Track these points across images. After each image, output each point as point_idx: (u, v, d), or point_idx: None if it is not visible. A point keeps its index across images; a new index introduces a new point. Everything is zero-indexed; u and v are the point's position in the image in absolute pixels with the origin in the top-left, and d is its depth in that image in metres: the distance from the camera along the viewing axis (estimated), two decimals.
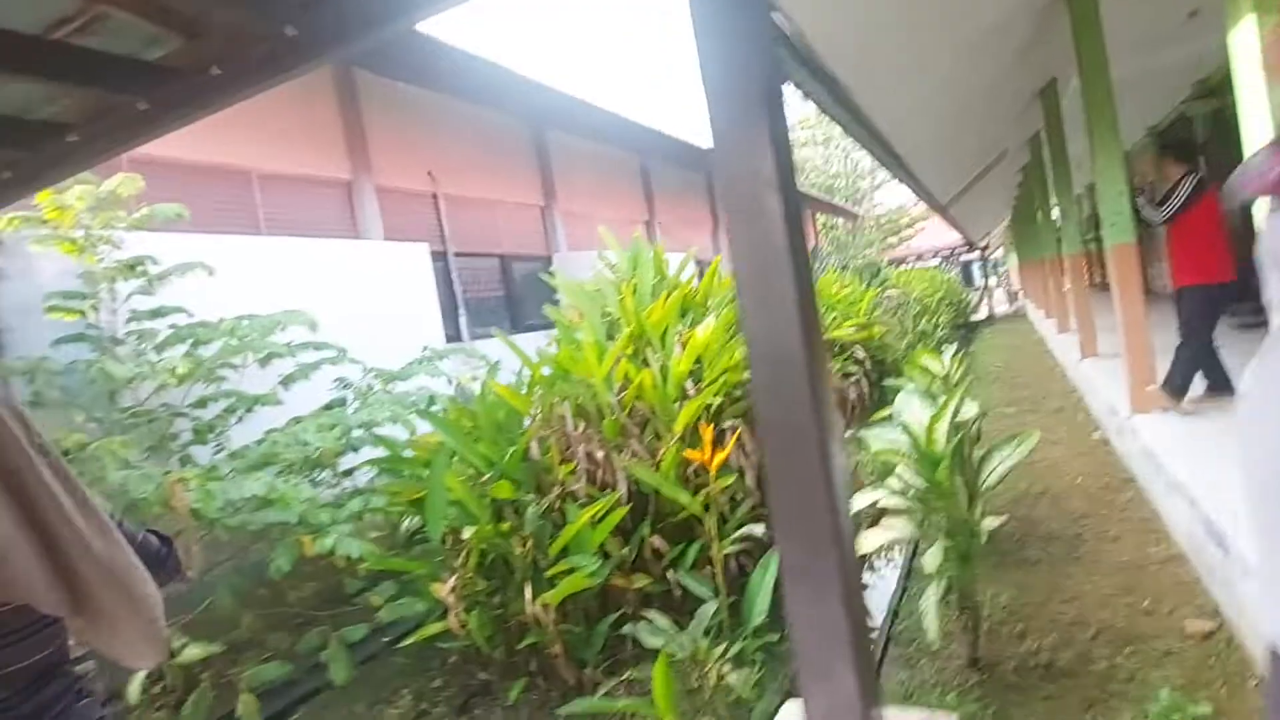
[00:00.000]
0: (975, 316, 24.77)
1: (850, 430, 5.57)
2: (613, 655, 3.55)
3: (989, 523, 3.24)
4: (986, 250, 37.33)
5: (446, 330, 8.03)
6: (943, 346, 5.56)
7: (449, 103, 9.65)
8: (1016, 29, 6.59)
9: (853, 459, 5.00)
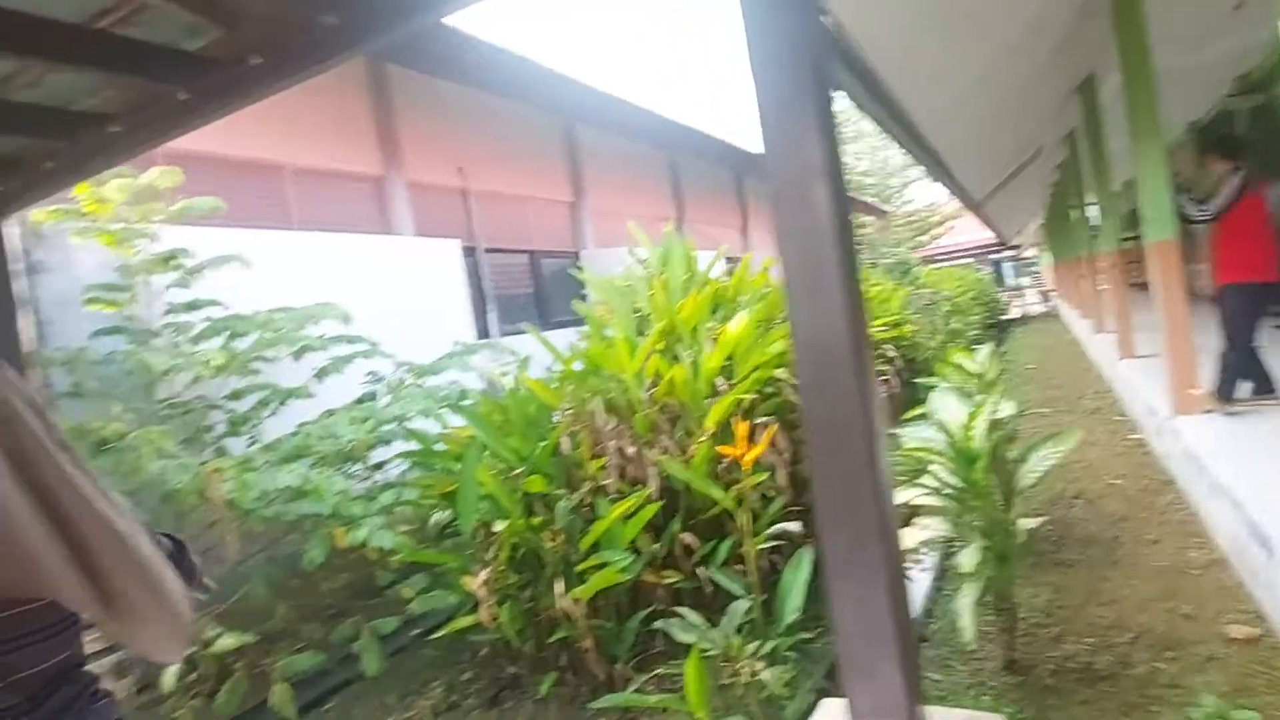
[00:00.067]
0: (1007, 316, 24.53)
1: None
2: (643, 651, 3.53)
3: (1026, 523, 3.19)
4: (1019, 249, 36.80)
5: (476, 326, 8.05)
6: (976, 345, 5.49)
7: (479, 97, 9.66)
8: (1056, 23, 6.49)
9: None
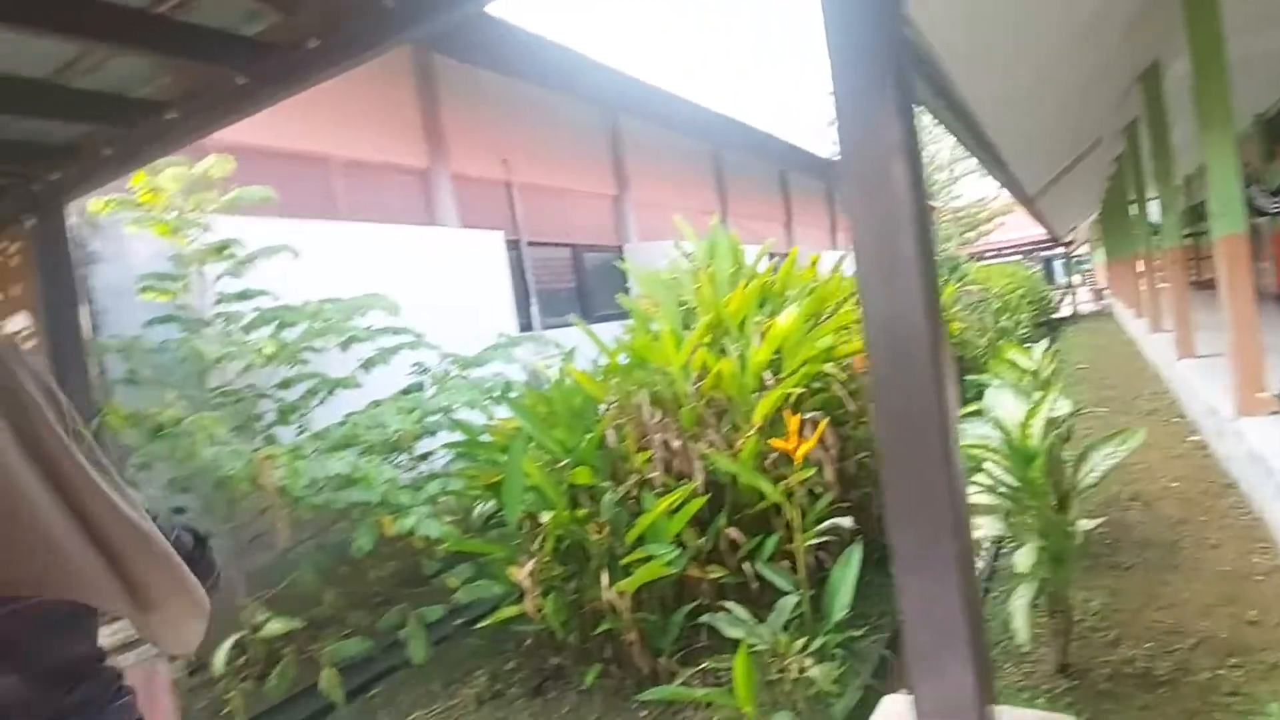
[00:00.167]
0: (1058, 314, 24.08)
1: None
2: (687, 645, 3.51)
3: (1084, 524, 3.10)
4: (1069, 246, 35.97)
5: (518, 319, 8.06)
6: (1026, 344, 5.36)
7: (523, 88, 9.65)
8: (1122, 9, 6.31)
9: None
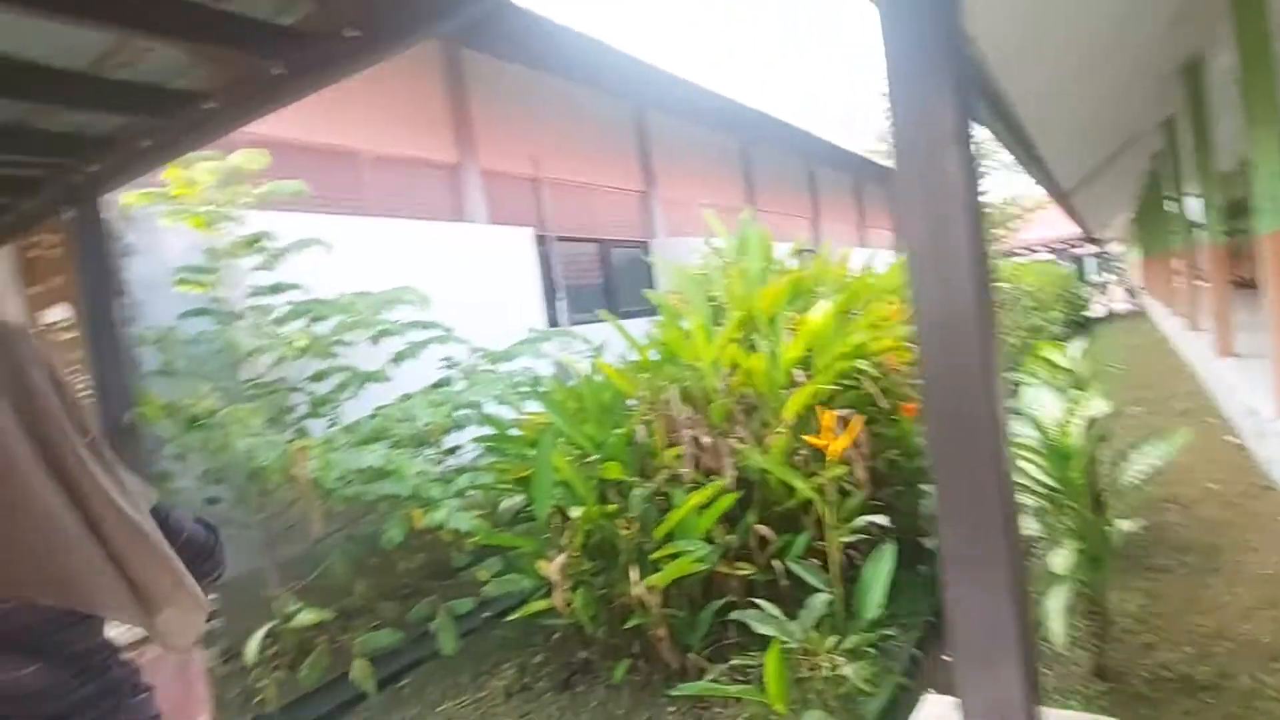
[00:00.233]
0: (1091, 313, 23.76)
1: None
2: (715, 641, 3.49)
3: (1124, 525, 3.05)
4: (1102, 244, 35.41)
5: (546, 315, 8.07)
6: (1059, 342, 5.29)
7: (550, 83, 9.63)
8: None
9: None
